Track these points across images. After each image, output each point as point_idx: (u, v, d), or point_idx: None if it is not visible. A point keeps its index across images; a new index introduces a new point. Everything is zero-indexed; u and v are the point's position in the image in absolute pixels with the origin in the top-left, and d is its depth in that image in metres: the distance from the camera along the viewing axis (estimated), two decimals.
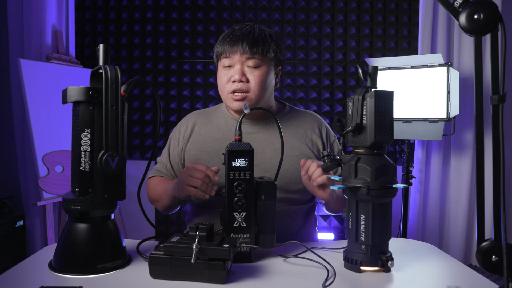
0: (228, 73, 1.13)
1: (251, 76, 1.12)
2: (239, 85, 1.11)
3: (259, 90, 1.13)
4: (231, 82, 1.12)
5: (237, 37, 1.11)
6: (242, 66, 1.12)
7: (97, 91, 0.79)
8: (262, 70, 1.13)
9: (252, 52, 1.10)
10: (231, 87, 1.12)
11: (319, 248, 0.96)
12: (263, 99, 1.16)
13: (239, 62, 1.11)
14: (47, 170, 2.03)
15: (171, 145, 1.26)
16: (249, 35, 1.11)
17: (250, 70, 1.12)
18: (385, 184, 0.81)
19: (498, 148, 0.66)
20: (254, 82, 1.12)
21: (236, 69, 1.11)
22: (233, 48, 1.11)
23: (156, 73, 2.70)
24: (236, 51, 1.11)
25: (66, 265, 0.80)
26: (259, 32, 1.14)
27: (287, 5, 2.68)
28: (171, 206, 1.19)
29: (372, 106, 0.80)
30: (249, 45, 1.10)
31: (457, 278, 0.83)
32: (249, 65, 1.12)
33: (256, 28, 1.15)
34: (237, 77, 1.10)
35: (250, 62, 1.11)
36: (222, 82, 1.15)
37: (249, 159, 0.86)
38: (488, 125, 1.97)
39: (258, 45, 1.11)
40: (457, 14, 0.68)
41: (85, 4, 2.73)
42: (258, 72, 1.12)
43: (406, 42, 2.65)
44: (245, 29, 1.14)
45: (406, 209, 2.34)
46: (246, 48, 1.10)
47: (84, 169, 0.80)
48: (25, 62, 2.03)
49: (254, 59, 1.11)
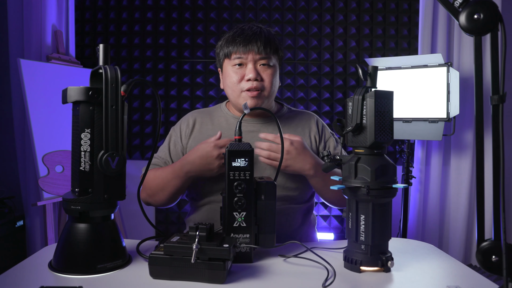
0: (239, 72, 1.15)
1: (264, 74, 1.15)
2: (254, 83, 1.13)
3: (272, 88, 1.16)
4: (245, 81, 1.14)
5: (250, 37, 1.13)
6: (255, 65, 1.14)
7: (97, 91, 0.79)
8: (273, 69, 1.16)
9: (266, 52, 1.13)
10: (245, 86, 1.14)
11: (319, 248, 0.96)
12: (273, 97, 1.20)
13: (252, 61, 1.14)
14: (47, 170, 2.03)
15: (171, 142, 1.26)
16: (261, 35, 1.14)
17: (263, 69, 1.15)
18: (385, 184, 0.81)
19: (498, 148, 0.66)
20: (268, 81, 1.15)
21: (250, 68, 1.13)
22: (247, 47, 1.12)
23: (156, 73, 2.70)
24: (251, 51, 1.12)
25: (66, 265, 0.80)
26: (267, 32, 1.17)
27: (287, 5, 2.68)
28: (178, 190, 1.13)
29: (372, 106, 0.80)
30: (263, 44, 1.13)
31: (457, 278, 0.83)
32: (262, 64, 1.14)
33: (261, 28, 1.18)
34: (252, 75, 1.12)
35: (263, 61, 1.14)
36: (233, 80, 1.15)
37: (249, 159, 0.86)
38: (488, 125, 1.97)
39: (271, 44, 1.14)
40: (457, 14, 0.68)
41: (85, 4, 2.73)
42: (270, 71, 1.15)
43: (406, 42, 2.65)
44: (255, 28, 1.16)
45: (406, 209, 2.34)
46: (261, 47, 1.12)
47: (84, 169, 0.80)
48: (25, 62, 2.03)
49: (267, 58, 1.14)
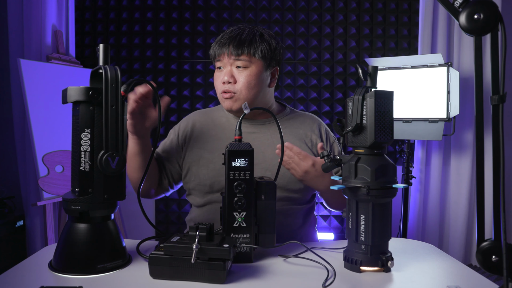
0: (219, 75, 1.18)
1: (239, 76, 1.15)
2: (227, 86, 1.15)
3: (247, 90, 1.15)
4: (222, 83, 1.16)
5: (224, 40, 1.15)
6: (231, 68, 1.16)
7: (97, 91, 0.79)
8: (251, 70, 1.15)
9: (237, 54, 1.14)
10: (222, 88, 1.16)
11: (319, 248, 0.96)
12: (255, 98, 1.17)
13: (228, 64, 1.15)
14: (47, 170, 2.03)
15: (168, 139, 1.28)
16: (236, 37, 1.15)
17: (238, 71, 1.15)
18: (385, 184, 0.81)
19: (498, 148, 0.66)
20: (241, 83, 1.15)
21: (225, 71, 1.16)
22: (221, 50, 1.15)
23: (156, 73, 2.70)
24: (223, 53, 1.15)
25: (66, 265, 0.80)
26: (248, 33, 1.16)
27: (287, 5, 2.68)
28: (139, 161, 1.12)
29: (372, 106, 0.80)
30: (234, 47, 1.13)
31: (457, 278, 0.83)
32: (238, 66, 1.15)
33: (247, 29, 1.17)
34: (225, 78, 1.14)
35: (238, 63, 1.15)
36: (216, 83, 1.20)
37: (249, 159, 0.86)
38: (488, 125, 1.97)
39: (244, 46, 1.14)
40: (457, 14, 0.68)
41: (85, 4, 2.73)
42: (246, 73, 1.15)
43: (406, 42, 2.65)
44: (235, 31, 1.17)
45: (406, 209, 2.34)
46: (232, 49, 1.14)
47: (84, 169, 0.80)
48: (25, 62, 2.03)
49: (241, 60, 1.14)
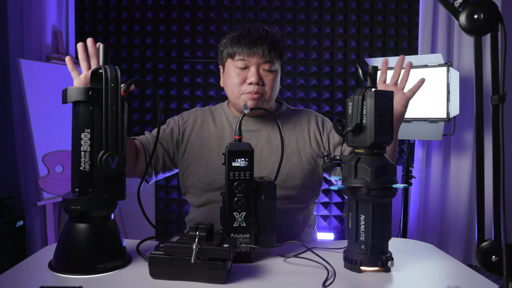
0: (242, 74, 1.13)
1: (266, 79, 1.13)
2: (256, 87, 1.11)
3: (272, 93, 1.15)
4: (247, 84, 1.12)
5: (255, 40, 1.10)
6: (258, 69, 1.12)
7: (97, 91, 0.79)
8: (275, 73, 1.15)
9: (270, 56, 1.11)
10: (246, 89, 1.12)
11: (319, 248, 0.96)
12: (272, 100, 1.19)
13: (256, 65, 1.12)
14: (47, 170, 2.03)
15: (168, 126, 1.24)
16: (267, 38, 1.11)
17: (265, 73, 1.13)
18: (385, 184, 0.81)
19: (498, 148, 0.66)
20: (269, 86, 1.13)
21: (252, 72, 1.11)
22: (252, 50, 1.10)
23: (156, 73, 2.70)
24: (255, 54, 1.10)
25: (66, 265, 0.80)
26: (273, 36, 1.14)
27: (287, 5, 2.68)
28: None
29: (372, 106, 0.80)
30: (268, 49, 1.10)
31: (457, 278, 0.83)
32: (265, 68, 1.12)
33: (269, 31, 1.15)
34: (254, 79, 1.10)
35: (266, 65, 1.12)
36: (234, 82, 1.14)
37: (249, 159, 0.86)
38: (488, 125, 1.97)
39: (275, 48, 1.12)
40: (457, 14, 0.68)
41: (85, 4, 2.73)
42: (272, 76, 1.13)
43: (406, 42, 2.65)
44: (261, 31, 1.13)
45: (406, 209, 2.34)
46: (266, 51, 1.10)
47: (84, 169, 0.80)
48: (25, 62, 2.03)
49: (270, 62, 1.12)
